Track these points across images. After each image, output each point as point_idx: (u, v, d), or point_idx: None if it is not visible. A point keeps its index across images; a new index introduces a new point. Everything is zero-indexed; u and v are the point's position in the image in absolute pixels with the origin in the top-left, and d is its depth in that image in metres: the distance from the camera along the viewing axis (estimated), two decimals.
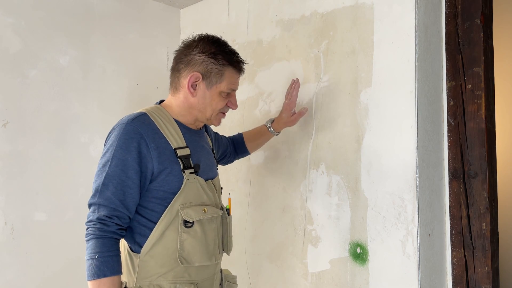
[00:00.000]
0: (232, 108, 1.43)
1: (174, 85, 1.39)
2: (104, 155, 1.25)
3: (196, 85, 1.33)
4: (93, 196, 1.23)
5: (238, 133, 1.84)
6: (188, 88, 1.33)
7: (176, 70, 1.37)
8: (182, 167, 1.29)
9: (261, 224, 1.99)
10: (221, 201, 1.48)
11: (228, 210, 1.46)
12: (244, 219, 2.05)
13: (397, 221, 1.52)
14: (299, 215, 1.83)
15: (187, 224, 1.28)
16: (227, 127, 2.16)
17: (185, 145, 1.32)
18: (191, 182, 1.30)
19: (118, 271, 1.22)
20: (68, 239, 1.93)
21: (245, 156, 1.85)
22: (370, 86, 1.61)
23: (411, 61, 1.50)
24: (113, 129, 1.29)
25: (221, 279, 1.48)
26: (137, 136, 1.23)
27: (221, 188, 1.53)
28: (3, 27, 1.80)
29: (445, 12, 1.63)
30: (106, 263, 1.19)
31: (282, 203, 1.90)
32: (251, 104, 2.06)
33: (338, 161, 1.70)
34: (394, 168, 1.54)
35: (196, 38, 1.36)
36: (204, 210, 1.32)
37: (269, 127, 1.78)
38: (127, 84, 2.19)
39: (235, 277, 1.55)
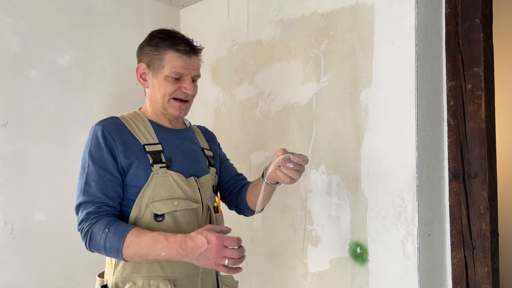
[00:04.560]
0: (187, 93, 1.33)
1: None
2: (82, 158, 1.28)
3: (146, 76, 1.35)
4: (78, 196, 1.24)
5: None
6: (138, 80, 1.36)
7: None
8: (151, 162, 1.28)
9: (261, 224, 1.99)
10: (211, 199, 1.41)
11: (216, 208, 1.41)
12: (244, 219, 2.04)
13: (397, 221, 1.52)
14: (299, 215, 1.83)
15: (157, 217, 1.26)
16: (227, 127, 2.16)
17: (156, 141, 1.32)
18: (160, 175, 1.28)
19: (133, 226, 1.21)
20: (68, 239, 1.93)
21: (246, 213, 1.54)
22: (370, 86, 1.61)
23: (411, 61, 1.50)
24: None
25: (217, 282, 1.41)
26: (105, 133, 1.26)
27: (214, 187, 1.45)
28: (3, 27, 1.80)
29: (445, 12, 1.63)
30: (120, 225, 1.19)
31: (282, 203, 1.90)
32: (251, 104, 2.06)
33: (338, 161, 1.70)
34: (394, 168, 1.54)
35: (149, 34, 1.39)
36: (176, 203, 1.28)
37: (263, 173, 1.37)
38: (127, 84, 2.19)
39: (235, 282, 1.48)
